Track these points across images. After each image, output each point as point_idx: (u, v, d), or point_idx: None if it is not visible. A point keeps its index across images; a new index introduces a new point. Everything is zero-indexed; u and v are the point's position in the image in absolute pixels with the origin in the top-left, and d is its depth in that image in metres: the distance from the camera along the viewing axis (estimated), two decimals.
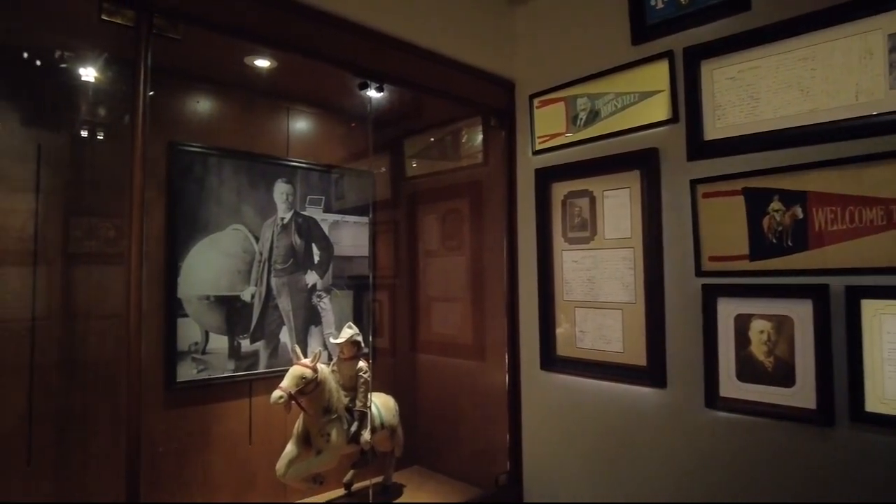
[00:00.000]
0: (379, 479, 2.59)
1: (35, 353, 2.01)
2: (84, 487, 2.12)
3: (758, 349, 1.92)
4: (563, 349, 2.46)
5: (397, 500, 2.57)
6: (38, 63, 2.06)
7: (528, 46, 2.69)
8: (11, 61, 2.00)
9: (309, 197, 2.67)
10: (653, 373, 2.16)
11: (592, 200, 2.37)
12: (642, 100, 2.24)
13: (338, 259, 2.78)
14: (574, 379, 2.42)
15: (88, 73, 2.11)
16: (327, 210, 2.74)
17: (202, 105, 2.40)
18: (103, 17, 1.59)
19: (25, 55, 2.03)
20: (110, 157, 2.18)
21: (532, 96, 2.63)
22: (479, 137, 2.87)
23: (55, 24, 1.89)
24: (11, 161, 2.01)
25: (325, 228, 2.73)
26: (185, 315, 2.25)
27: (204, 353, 2.29)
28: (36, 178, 2.04)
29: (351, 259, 2.84)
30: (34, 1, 1.72)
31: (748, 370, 1.93)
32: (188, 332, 2.26)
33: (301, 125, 2.71)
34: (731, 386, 1.97)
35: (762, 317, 1.91)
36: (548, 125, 2.56)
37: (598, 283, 2.34)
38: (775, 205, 1.89)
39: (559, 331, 2.47)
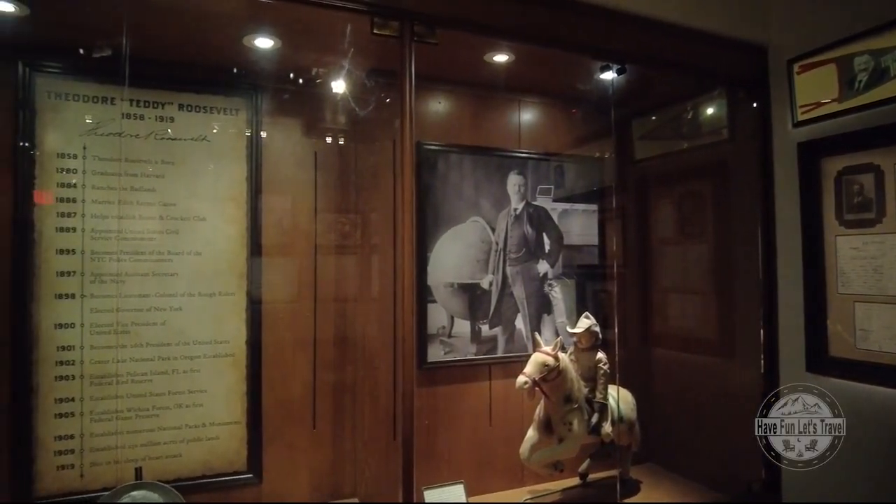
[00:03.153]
0: (615, 472, 2.53)
1: (316, 331, 2.35)
2: (354, 451, 2.41)
3: None
4: (837, 350, 2.14)
5: (638, 496, 2.49)
6: (303, 80, 2.34)
7: (782, 5, 2.37)
8: (292, 81, 2.31)
9: (539, 187, 2.69)
10: None
11: (879, 176, 2.01)
12: None
13: (566, 248, 2.76)
14: (851, 384, 2.08)
15: (344, 85, 2.35)
16: (557, 199, 2.74)
17: (443, 105, 2.55)
18: (375, 31, 1.76)
19: (291, 75, 2.34)
20: (351, 158, 2.44)
21: (791, 61, 2.31)
22: (722, 112, 2.61)
23: (327, 45, 2.13)
24: (296, 167, 2.35)
25: (555, 217, 2.73)
26: (434, 301, 2.43)
27: (450, 336, 2.45)
28: (314, 181, 2.37)
29: (579, 248, 2.80)
30: (318, 27, 1.96)
31: None
32: (436, 316, 2.43)
33: (530, 116, 2.74)
34: None
35: None
36: (813, 92, 2.23)
37: (886, 273, 1.98)
38: None
39: (832, 329, 2.15)
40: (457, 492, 2.23)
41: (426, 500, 2.13)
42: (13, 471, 1.93)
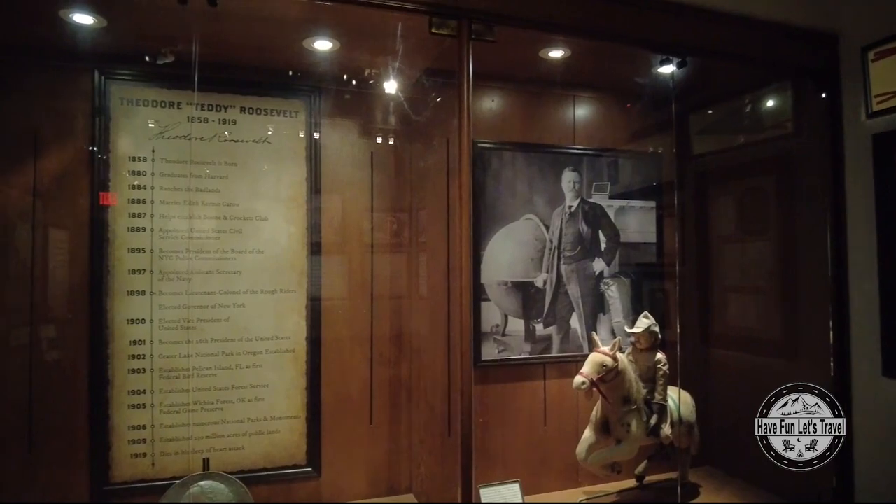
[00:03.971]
0: (672, 475, 2.47)
1: (373, 328, 2.39)
2: (410, 448, 2.44)
3: None
4: None
5: (699, 500, 2.42)
6: (360, 81, 2.37)
7: None
8: (349, 82, 2.35)
9: (595, 184, 2.65)
10: None
11: None
12: None
13: (623, 246, 2.70)
14: None
15: (400, 86, 2.36)
16: (613, 196, 2.68)
17: (496, 103, 2.54)
18: (433, 31, 1.77)
19: (346, 76, 2.37)
20: (406, 158, 2.47)
21: (865, 48, 2.19)
22: (786, 104, 2.51)
23: (384, 46, 2.15)
24: (353, 168, 2.39)
25: (612, 214, 2.68)
26: (487, 299, 2.43)
27: (503, 334, 2.44)
28: (370, 181, 2.40)
29: (636, 245, 2.74)
30: (376, 28, 1.98)
31: None
32: (490, 314, 2.43)
33: (585, 112, 2.70)
34: None
35: None
36: (890, 80, 2.11)
37: None
38: None
39: None
40: (513, 490, 2.22)
41: (482, 498, 2.14)
42: (91, 457, 2.04)
